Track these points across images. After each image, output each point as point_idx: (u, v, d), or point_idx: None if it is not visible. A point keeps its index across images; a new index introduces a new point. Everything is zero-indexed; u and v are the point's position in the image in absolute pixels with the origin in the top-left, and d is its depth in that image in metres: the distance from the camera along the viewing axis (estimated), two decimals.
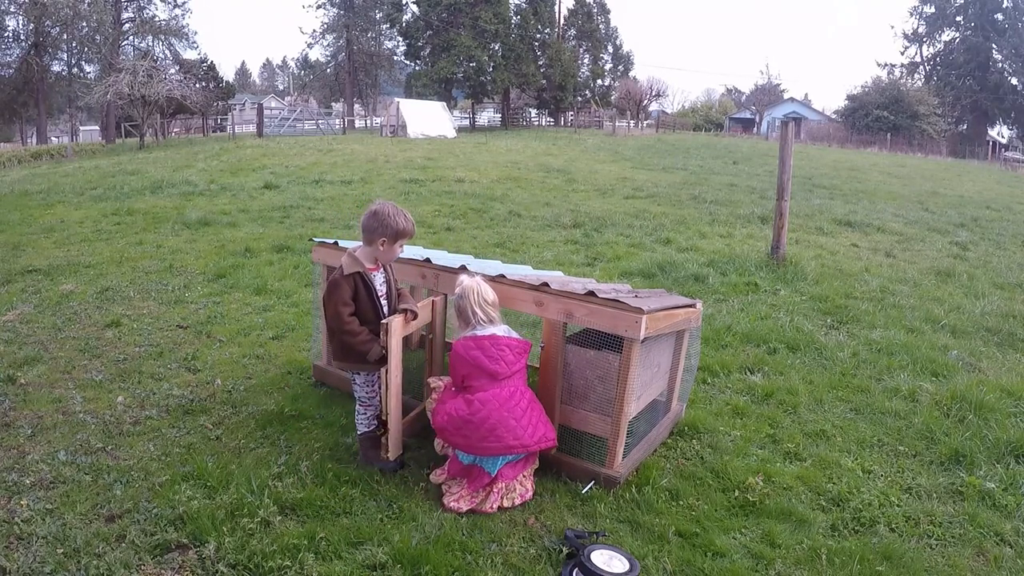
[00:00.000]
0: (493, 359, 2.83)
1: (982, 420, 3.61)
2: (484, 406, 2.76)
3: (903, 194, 14.78)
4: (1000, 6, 50.30)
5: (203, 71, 40.36)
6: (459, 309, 2.98)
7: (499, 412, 2.75)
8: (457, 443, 2.79)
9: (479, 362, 2.83)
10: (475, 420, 2.74)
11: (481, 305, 2.94)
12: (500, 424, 2.73)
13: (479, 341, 2.86)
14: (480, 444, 2.74)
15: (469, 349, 2.86)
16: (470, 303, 2.93)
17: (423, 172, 13.96)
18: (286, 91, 78.11)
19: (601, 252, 7.54)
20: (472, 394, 2.81)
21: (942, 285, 6.74)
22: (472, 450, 2.75)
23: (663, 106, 61.05)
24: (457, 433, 2.78)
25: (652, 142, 28.11)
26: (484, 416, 2.74)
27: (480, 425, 2.74)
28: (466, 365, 2.84)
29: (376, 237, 2.85)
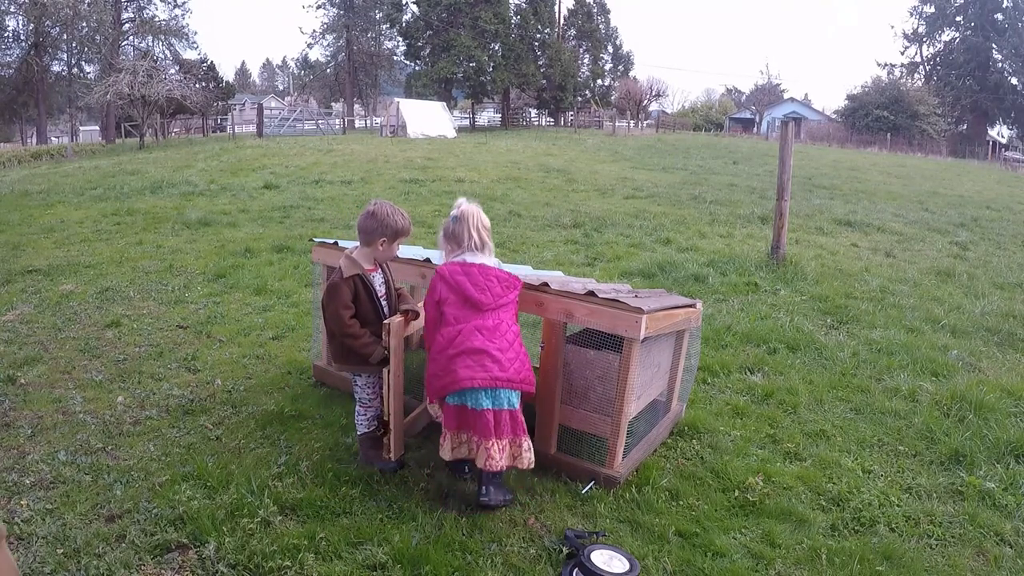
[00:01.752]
0: (479, 288, 2.65)
1: (982, 420, 3.61)
2: (465, 336, 2.60)
3: (903, 194, 14.78)
4: (1000, 6, 50.30)
5: (203, 71, 40.36)
6: (452, 232, 2.76)
7: (482, 340, 2.60)
8: (442, 384, 2.59)
9: (463, 288, 2.64)
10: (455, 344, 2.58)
11: (478, 229, 2.75)
12: (484, 351, 2.58)
13: (467, 267, 2.68)
14: (465, 374, 2.55)
15: (455, 273, 2.67)
16: (467, 225, 2.74)
17: (423, 172, 13.96)
18: (286, 91, 78.11)
19: (601, 252, 7.54)
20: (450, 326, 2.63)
21: (942, 285, 6.74)
22: (455, 383, 2.56)
23: (663, 106, 61.08)
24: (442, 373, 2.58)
25: (652, 142, 28.11)
26: (464, 341, 2.58)
27: (460, 347, 2.58)
28: (447, 288, 2.65)
29: (375, 238, 2.84)
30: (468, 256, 2.72)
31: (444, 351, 2.61)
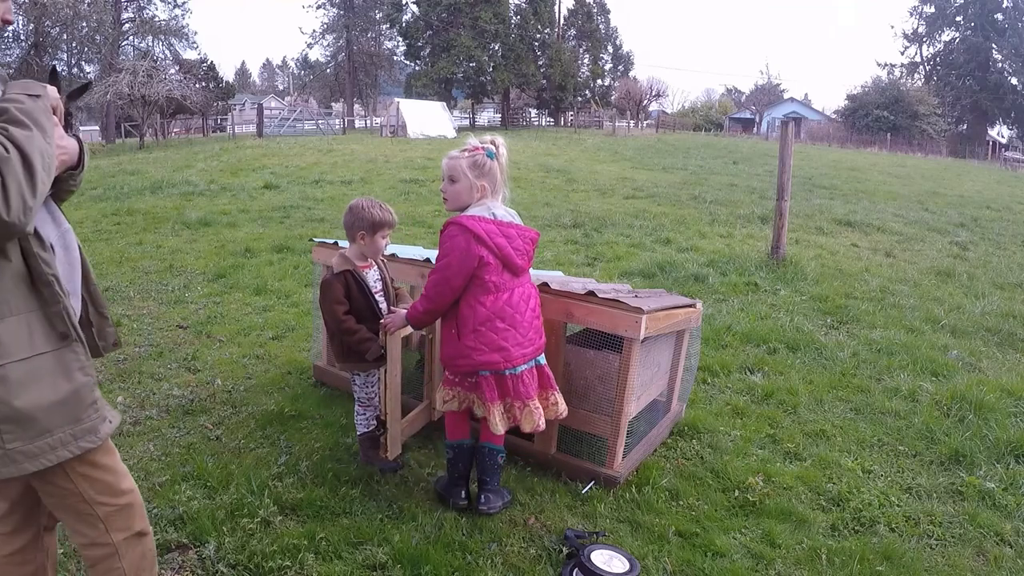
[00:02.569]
0: (519, 252, 2.48)
1: (982, 420, 3.61)
2: (513, 306, 2.45)
3: (903, 194, 14.78)
4: (1000, 6, 50.32)
5: (203, 71, 40.37)
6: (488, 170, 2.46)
7: (525, 308, 2.49)
8: (487, 360, 2.42)
9: (504, 252, 2.43)
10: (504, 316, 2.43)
11: (507, 174, 2.54)
12: (529, 322, 2.50)
13: (504, 228, 2.45)
14: (518, 352, 2.45)
15: (493, 235, 2.40)
16: (503, 168, 2.50)
17: (423, 172, 13.97)
18: (286, 91, 78.10)
19: (601, 252, 7.54)
20: (492, 294, 2.43)
21: (942, 285, 6.74)
22: (509, 361, 2.44)
23: (663, 106, 61.09)
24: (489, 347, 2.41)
25: (652, 142, 28.11)
26: (512, 314, 2.44)
27: (509, 320, 2.43)
28: (487, 252, 2.39)
29: (355, 232, 2.85)
30: (496, 210, 2.48)
31: (491, 322, 2.42)
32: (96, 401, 1.49)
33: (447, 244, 2.42)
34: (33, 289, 1.40)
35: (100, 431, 1.48)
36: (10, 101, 1.35)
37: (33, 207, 1.29)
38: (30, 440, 1.38)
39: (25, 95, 1.37)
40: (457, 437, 2.69)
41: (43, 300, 1.41)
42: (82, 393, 1.46)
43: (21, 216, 1.26)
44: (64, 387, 1.42)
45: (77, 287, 1.57)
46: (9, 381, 1.34)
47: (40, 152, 1.31)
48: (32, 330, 1.39)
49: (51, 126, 1.38)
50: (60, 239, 1.53)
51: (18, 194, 1.25)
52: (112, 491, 1.60)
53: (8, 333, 1.35)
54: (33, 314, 1.40)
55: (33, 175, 1.28)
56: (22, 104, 1.34)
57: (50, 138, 1.36)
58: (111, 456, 1.59)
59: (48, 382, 1.40)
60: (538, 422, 2.53)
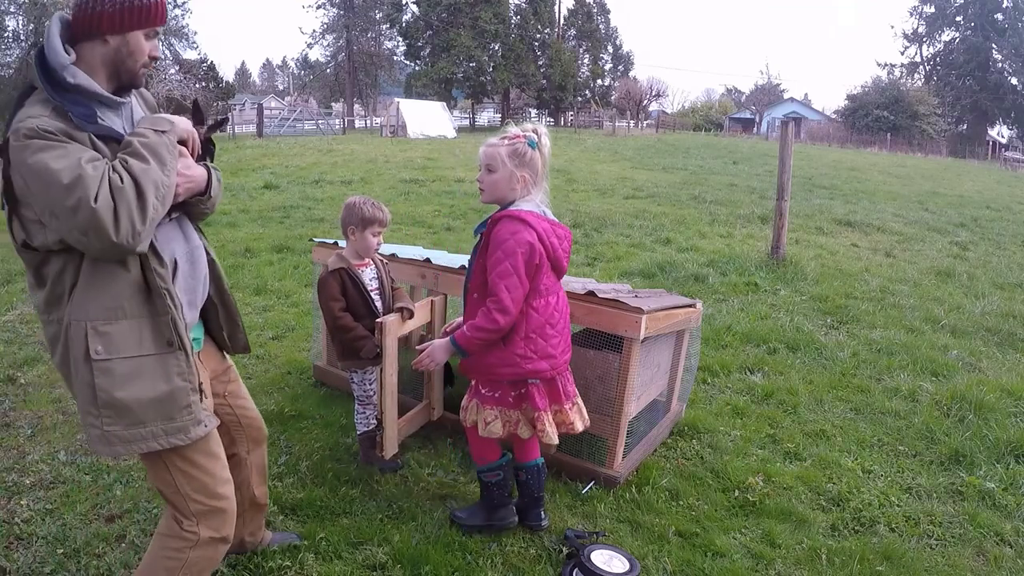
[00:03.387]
0: (566, 254, 2.35)
1: (982, 420, 3.61)
2: (560, 311, 2.35)
3: (903, 194, 14.78)
4: (1000, 6, 50.31)
5: (203, 71, 40.33)
6: (524, 156, 2.24)
7: (566, 313, 2.42)
8: (536, 368, 2.28)
9: (556, 254, 2.29)
10: (555, 322, 2.32)
11: (548, 167, 2.33)
12: (569, 329, 2.42)
13: (554, 226, 2.29)
14: (564, 359, 2.37)
15: (548, 235, 2.24)
16: (546, 157, 2.29)
17: (423, 172, 13.97)
18: (286, 91, 78.11)
19: (601, 252, 7.54)
20: (543, 297, 2.30)
21: (942, 285, 6.74)
22: (556, 368, 2.34)
23: (663, 106, 61.12)
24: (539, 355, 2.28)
25: (652, 142, 28.11)
26: (560, 319, 2.34)
27: (558, 325, 2.33)
28: (543, 252, 2.23)
29: (346, 228, 2.86)
30: (538, 201, 2.32)
31: (542, 329, 2.28)
32: (191, 405, 1.65)
33: (509, 241, 2.17)
34: (147, 298, 1.60)
35: (191, 432, 1.64)
36: (136, 135, 1.56)
37: (142, 232, 1.48)
38: (125, 428, 1.57)
39: (152, 130, 1.59)
40: (497, 455, 2.51)
41: (155, 309, 1.60)
42: (177, 396, 1.63)
43: (129, 239, 1.45)
44: (162, 387, 1.60)
45: (198, 299, 1.78)
46: (114, 374, 1.55)
47: (155, 183, 1.51)
48: (142, 334, 1.59)
49: (172, 159, 1.59)
50: (188, 255, 1.76)
51: (128, 220, 1.44)
52: (207, 492, 1.75)
53: (120, 333, 1.56)
54: (144, 320, 1.59)
55: (144, 204, 1.47)
56: (146, 139, 1.55)
57: (169, 171, 1.56)
58: (211, 460, 1.75)
59: (148, 380, 1.59)
60: (586, 417, 2.50)
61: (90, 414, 1.58)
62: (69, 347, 1.58)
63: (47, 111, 1.51)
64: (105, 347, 1.55)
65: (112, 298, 1.56)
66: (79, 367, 1.56)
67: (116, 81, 1.65)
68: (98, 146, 1.53)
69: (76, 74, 1.55)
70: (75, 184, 1.41)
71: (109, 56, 1.61)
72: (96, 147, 1.53)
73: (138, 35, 1.61)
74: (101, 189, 1.43)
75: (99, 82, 1.61)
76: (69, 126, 1.50)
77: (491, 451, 2.50)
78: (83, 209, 1.41)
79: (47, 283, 1.58)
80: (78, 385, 1.58)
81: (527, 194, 2.27)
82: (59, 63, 1.53)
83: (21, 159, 1.45)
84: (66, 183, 1.41)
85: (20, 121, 1.48)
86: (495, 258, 2.19)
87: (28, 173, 1.45)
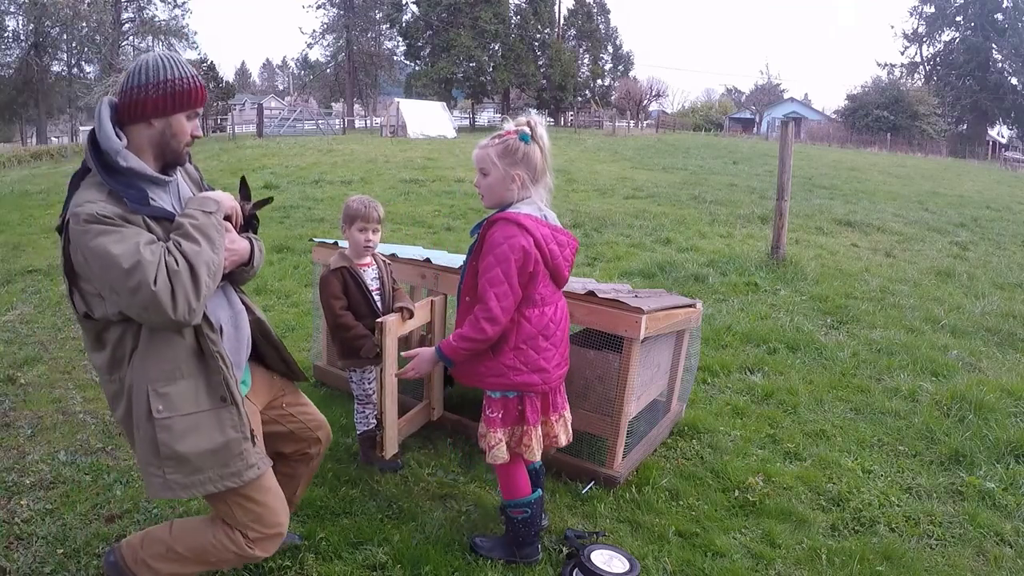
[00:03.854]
0: (568, 263, 2.22)
1: (982, 420, 3.61)
2: (555, 323, 2.21)
3: (903, 194, 14.78)
4: (1000, 6, 50.31)
5: (203, 71, 40.29)
6: (517, 153, 2.10)
7: (564, 325, 2.28)
8: (527, 381, 2.17)
9: (556, 261, 2.15)
10: (549, 336, 2.18)
11: (550, 164, 2.17)
12: (566, 339, 2.29)
13: (557, 235, 2.16)
14: (557, 373, 2.24)
15: (548, 240, 2.12)
16: (546, 152, 2.14)
17: (423, 172, 13.96)
18: (286, 91, 78.10)
19: (601, 252, 7.54)
20: (537, 307, 2.16)
21: (942, 285, 6.74)
22: (547, 383, 2.22)
23: (663, 106, 61.09)
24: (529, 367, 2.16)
25: (652, 142, 28.10)
26: (555, 331, 2.21)
27: (553, 338, 2.19)
28: (540, 258, 2.11)
29: (341, 225, 2.89)
30: (547, 212, 2.19)
31: (534, 340, 2.16)
32: (243, 452, 1.80)
33: (503, 246, 2.06)
34: (201, 360, 1.75)
35: (244, 476, 1.80)
36: (187, 216, 1.70)
37: (196, 308, 1.63)
38: (185, 475, 1.73)
39: (200, 211, 1.72)
40: (527, 491, 2.34)
41: (208, 369, 1.75)
42: (231, 445, 1.78)
43: (186, 316, 1.60)
44: (217, 439, 1.75)
45: (242, 359, 1.93)
46: (174, 430, 1.70)
47: (206, 263, 1.65)
48: (198, 392, 1.74)
49: (220, 238, 1.74)
50: (232, 320, 1.91)
51: (184, 299, 1.59)
52: (262, 522, 1.89)
53: (178, 393, 1.71)
54: (199, 379, 1.74)
55: (198, 284, 1.62)
56: (196, 220, 1.69)
57: (218, 249, 1.71)
58: (265, 494, 1.88)
59: (205, 434, 1.74)
60: (570, 432, 2.39)
61: (152, 464, 1.72)
62: (132, 406, 1.73)
63: (103, 196, 1.63)
64: (165, 406, 1.69)
65: (170, 361, 1.70)
66: (141, 424, 1.71)
67: (162, 160, 1.77)
68: (152, 227, 1.67)
69: (128, 157, 1.67)
70: (135, 268, 1.55)
71: (155, 138, 1.73)
72: (150, 228, 1.66)
73: (180, 117, 1.74)
74: (159, 273, 1.56)
75: (147, 162, 1.73)
76: (124, 210, 1.63)
77: (519, 487, 2.32)
78: (143, 291, 1.55)
79: (107, 347, 1.73)
80: (140, 439, 1.73)
81: (527, 194, 2.14)
82: (112, 148, 1.65)
83: (82, 242, 1.58)
84: (126, 267, 1.54)
85: (79, 205, 1.60)
86: (486, 263, 2.09)
87: (90, 255, 1.58)
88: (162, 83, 1.68)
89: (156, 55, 1.72)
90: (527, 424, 2.24)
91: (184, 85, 1.71)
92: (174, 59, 1.72)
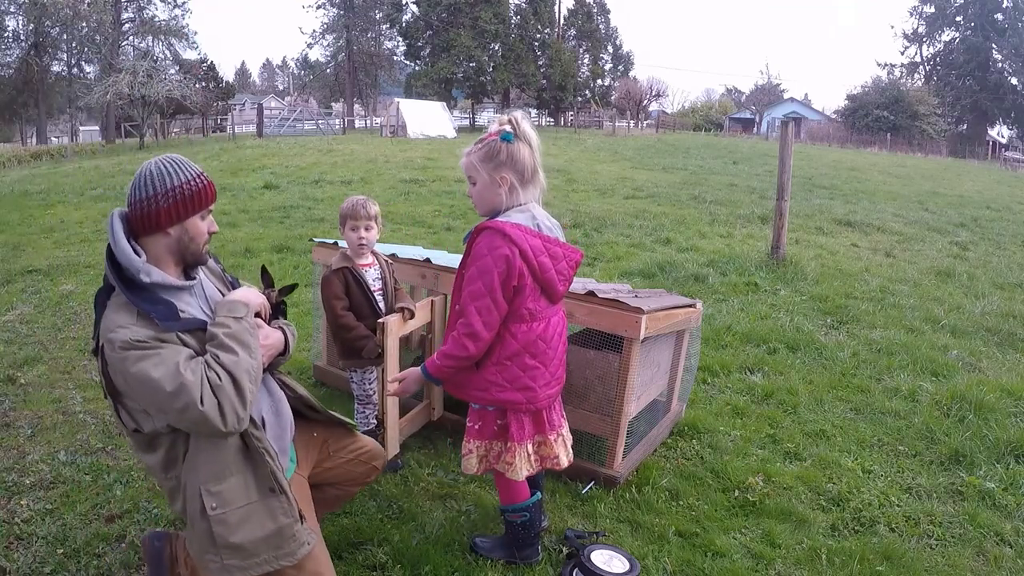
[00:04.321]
0: (563, 277, 2.07)
1: (982, 420, 3.61)
2: (546, 342, 2.09)
3: (903, 194, 14.78)
4: (1000, 6, 50.31)
5: (203, 71, 40.31)
6: (499, 156, 1.99)
7: (557, 342, 2.14)
8: (511, 399, 2.08)
9: (546, 275, 2.02)
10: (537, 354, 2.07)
11: (538, 156, 2.03)
12: (560, 360, 2.17)
13: (551, 246, 2.02)
14: (544, 393, 2.13)
15: (538, 252, 1.98)
16: (533, 150, 2.01)
17: (423, 172, 13.96)
18: (286, 91, 78.09)
19: (601, 252, 7.54)
20: (525, 323, 2.04)
21: (942, 285, 6.74)
22: (534, 402, 2.11)
23: (663, 106, 61.05)
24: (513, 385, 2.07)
25: (652, 142, 28.10)
26: (544, 351, 2.09)
27: (542, 357, 2.08)
28: (527, 270, 1.98)
29: (339, 228, 2.89)
30: (541, 219, 2.05)
31: (519, 358, 2.06)
32: (295, 534, 1.84)
33: (486, 258, 1.95)
34: (248, 456, 1.78)
35: (296, 554, 1.84)
36: (219, 326, 1.70)
37: (244, 416, 1.65)
38: (241, 560, 1.77)
39: (232, 318, 1.72)
40: (525, 495, 2.30)
41: (255, 464, 1.79)
42: (283, 531, 1.82)
43: (236, 426, 1.64)
44: (269, 527, 1.79)
45: (286, 444, 1.98)
46: (228, 523, 1.74)
47: (246, 371, 1.66)
48: (247, 485, 1.78)
49: (255, 341, 1.75)
50: (272, 407, 1.95)
51: (232, 410, 1.62)
52: None
53: (229, 489, 1.75)
54: (248, 474, 1.78)
55: (242, 393, 1.64)
56: (229, 329, 1.70)
57: (255, 353, 1.72)
58: (316, 562, 1.91)
59: (257, 523, 1.78)
60: (570, 452, 2.31)
61: (209, 552, 1.77)
62: (187, 503, 1.78)
63: (133, 319, 1.62)
64: (218, 503, 1.73)
65: (219, 462, 1.74)
66: (196, 520, 1.76)
67: (183, 264, 1.79)
68: (186, 341, 1.67)
69: (150, 272, 1.67)
70: (179, 391, 1.56)
71: (173, 245, 1.74)
72: (185, 342, 1.67)
73: (195, 220, 1.74)
74: (204, 391, 1.59)
75: (167, 270, 1.74)
76: (157, 330, 1.62)
77: (517, 492, 2.28)
78: (191, 411, 1.57)
79: (159, 451, 1.77)
80: (197, 532, 1.77)
81: (517, 199, 2.02)
82: (134, 267, 1.65)
83: (122, 368, 1.59)
84: (170, 391, 1.56)
85: (111, 331, 1.61)
86: (469, 275, 2.00)
87: (132, 380, 1.60)
88: (171, 191, 1.68)
89: (157, 163, 1.70)
90: (511, 440, 2.16)
91: (193, 187, 1.71)
92: (176, 162, 1.71)
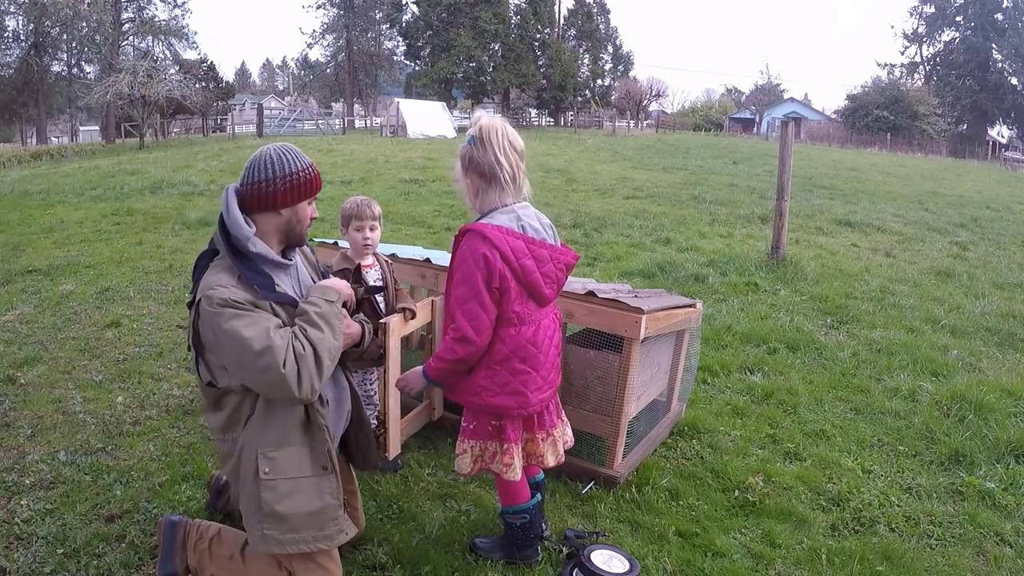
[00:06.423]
0: (548, 280, 2.03)
1: (982, 420, 3.61)
2: (536, 345, 2.08)
3: (903, 194, 14.78)
4: (1000, 6, 50.30)
5: (203, 71, 40.31)
6: (472, 161, 2.00)
7: (547, 346, 2.13)
8: (502, 404, 2.08)
9: (530, 277, 1.99)
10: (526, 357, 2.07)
11: (507, 154, 1.98)
12: (552, 364, 2.17)
13: (535, 248, 2.00)
14: (536, 398, 2.13)
15: (521, 255, 1.96)
16: (494, 148, 1.97)
17: (423, 172, 13.96)
18: (286, 91, 78.07)
19: (601, 252, 7.54)
20: (513, 327, 2.03)
21: (942, 285, 6.74)
22: (525, 407, 2.11)
23: (663, 106, 61.01)
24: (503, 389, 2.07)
25: (652, 142, 28.10)
26: (534, 354, 2.08)
27: (531, 361, 2.08)
28: (510, 273, 1.97)
29: (340, 229, 2.88)
30: (526, 220, 2.03)
31: (508, 362, 2.06)
32: (338, 518, 1.93)
33: (467, 261, 1.96)
34: (308, 430, 1.89)
35: (335, 540, 1.92)
36: (311, 304, 1.85)
37: (318, 388, 1.78)
38: (280, 533, 1.84)
39: (323, 300, 1.87)
40: (525, 498, 2.30)
41: (314, 439, 1.89)
42: (327, 511, 1.90)
43: (309, 394, 1.76)
44: (316, 503, 1.88)
45: (339, 432, 2.09)
46: (277, 491, 1.83)
47: (328, 349, 1.80)
48: (302, 459, 1.87)
49: (340, 324, 1.89)
50: (335, 396, 2.06)
51: (308, 379, 1.74)
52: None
53: (285, 458, 1.84)
54: (305, 448, 1.88)
55: (321, 366, 1.77)
56: (319, 308, 1.84)
57: (338, 335, 1.86)
58: (331, 561, 1.97)
59: (305, 497, 1.86)
60: (560, 453, 2.33)
61: (252, 517, 1.85)
62: (240, 464, 1.87)
63: (234, 280, 1.78)
64: (272, 469, 1.82)
65: (281, 430, 1.84)
66: (247, 483, 1.85)
67: (285, 243, 1.95)
68: (277, 311, 1.82)
69: (256, 243, 1.83)
70: (265, 351, 1.69)
71: (282, 225, 1.91)
72: (276, 312, 1.81)
73: (304, 204, 1.93)
74: (288, 356, 1.71)
75: (272, 245, 1.89)
76: (254, 296, 1.78)
77: (517, 494, 2.28)
78: (273, 372, 1.69)
79: (224, 410, 1.87)
80: (245, 496, 1.86)
81: (495, 200, 2.02)
82: (244, 235, 1.81)
83: (215, 323, 1.72)
84: (257, 349, 1.69)
85: (211, 288, 1.75)
86: (454, 280, 2.01)
87: (222, 336, 1.72)
88: (289, 176, 1.86)
89: (276, 149, 1.87)
90: (507, 442, 2.15)
91: (307, 176, 1.90)
92: (292, 151, 1.89)
